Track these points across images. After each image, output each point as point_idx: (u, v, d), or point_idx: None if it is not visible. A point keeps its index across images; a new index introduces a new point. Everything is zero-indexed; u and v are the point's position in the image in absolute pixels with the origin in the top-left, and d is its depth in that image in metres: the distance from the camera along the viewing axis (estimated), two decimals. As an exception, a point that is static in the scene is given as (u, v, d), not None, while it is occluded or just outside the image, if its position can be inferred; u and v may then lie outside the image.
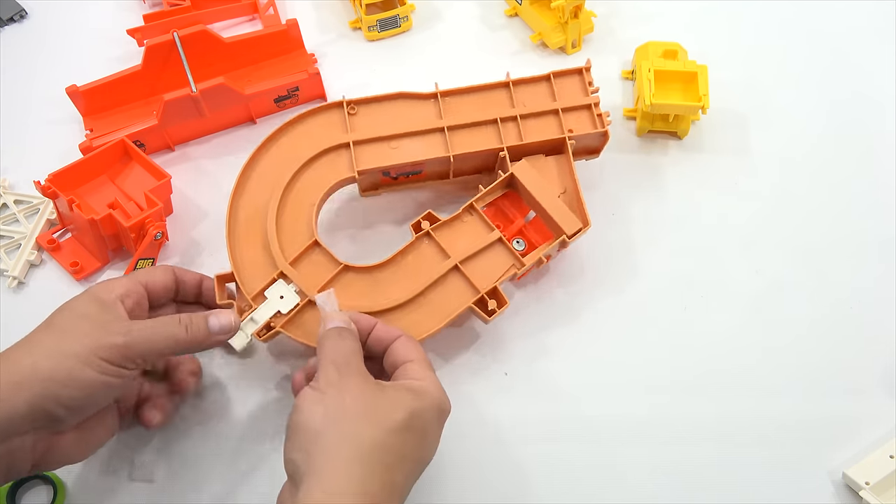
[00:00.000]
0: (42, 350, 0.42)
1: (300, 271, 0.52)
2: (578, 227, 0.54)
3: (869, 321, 0.57)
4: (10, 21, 0.75)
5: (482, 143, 0.57)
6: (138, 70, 0.64)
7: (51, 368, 0.41)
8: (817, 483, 0.51)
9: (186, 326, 0.45)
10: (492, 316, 0.51)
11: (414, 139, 0.57)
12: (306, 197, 0.54)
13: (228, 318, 0.47)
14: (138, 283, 0.49)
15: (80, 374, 0.41)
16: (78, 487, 0.51)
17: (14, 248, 0.60)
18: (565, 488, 0.51)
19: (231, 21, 0.75)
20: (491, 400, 0.54)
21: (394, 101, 0.58)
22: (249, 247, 0.52)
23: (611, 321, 0.57)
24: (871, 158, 0.66)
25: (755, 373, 0.55)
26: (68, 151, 0.64)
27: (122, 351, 0.43)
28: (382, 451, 0.40)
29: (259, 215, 0.53)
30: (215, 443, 0.52)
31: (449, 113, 0.58)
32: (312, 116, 0.57)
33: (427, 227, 0.53)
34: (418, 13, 0.76)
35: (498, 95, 0.59)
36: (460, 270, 0.52)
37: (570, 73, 0.60)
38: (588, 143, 0.59)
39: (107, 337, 0.43)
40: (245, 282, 0.51)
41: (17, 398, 0.40)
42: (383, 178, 0.58)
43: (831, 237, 0.62)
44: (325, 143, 0.56)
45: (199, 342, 0.46)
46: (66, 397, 0.41)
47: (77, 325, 0.43)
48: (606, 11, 0.75)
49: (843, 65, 0.72)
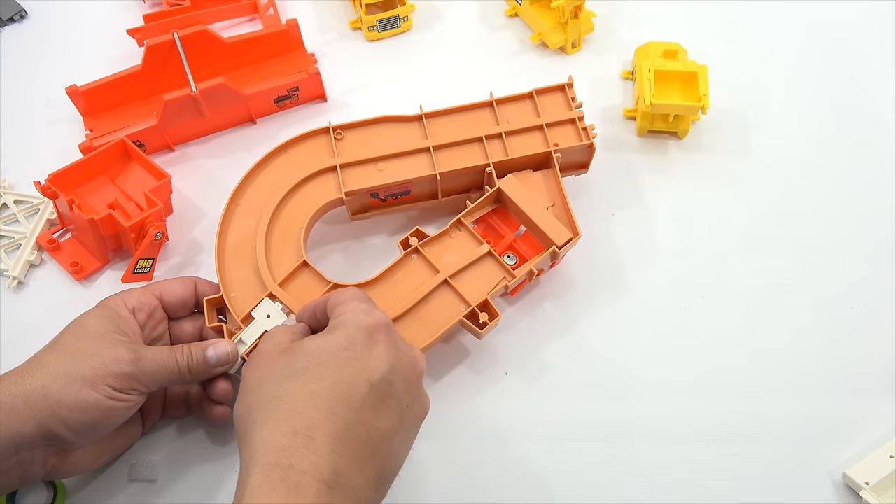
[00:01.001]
0: (50, 372, 0.42)
1: (290, 292, 0.52)
2: (568, 238, 0.54)
3: (868, 321, 0.57)
4: (10, 21, 0.76)
5: (468, 160, 0.57)
6: (138, 70, 0.64)
7: (58, 391, 0.41)
8: (817, 483, 0.51)
9: (187, 359, 0.46)
10: (483, 329, 0.51)
11: (400, 160, 0.57)
12: (295, 220, 0.55)
13: (226, 348, 0.47)
14: (153, 295, 0.49)
15: (87, 398, 0.42)
16: (78, 487, 0.50)
17: (14, 248, 0.60)
18: (565, 488, 0.51)
19: (231, 21, 0.75)
20: (491, 400, 0.54)
21: (379, 125, 0.58)
22: (239, 270, 0.53)
23: (611, 321, 0.57)
24: (871, 158, 0.66)
25: (755, 373, 0.55)
26: (68, 151, 0.64)
27: (129, 380, 0.43)
28: (285, 398, 0.39)
29: (248, 239, 0.54)
30: (215, 443, 0.52)
31: (434, 133, 0.58)
32: (299, 143, 0.58)
33: (415, 244, 0.53)
34: (418, 13, 0.76)
35: (482, 114, 0.59)
36: (450, 285, 0.52)
37: (552, 89, 0.60)
38: (575, 157, 0.60)
39: (114, 364, 0.43)
40: (234, 305, 0.51)
41: (26, 416, 0.41)
42: (372, 200, 0.58)
43: (831, 237, 0.62)
44: (313, 167, 0.56)
45: (199, 373, 0.47)
46: (73, 421, 0.42)
47: (86, 346, 0.44)
48: (606, 11, 0.75)
49: (843, 65, 0.72)
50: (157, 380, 0.45)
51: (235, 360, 0.48)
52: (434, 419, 0.52)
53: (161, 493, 0.50)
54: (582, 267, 0.59)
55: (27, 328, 0.57)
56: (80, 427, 0.42)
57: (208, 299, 0.51)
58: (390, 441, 0.40)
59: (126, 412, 0.44)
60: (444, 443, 0.52)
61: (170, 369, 0.45)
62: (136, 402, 0.44)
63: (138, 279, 0.57)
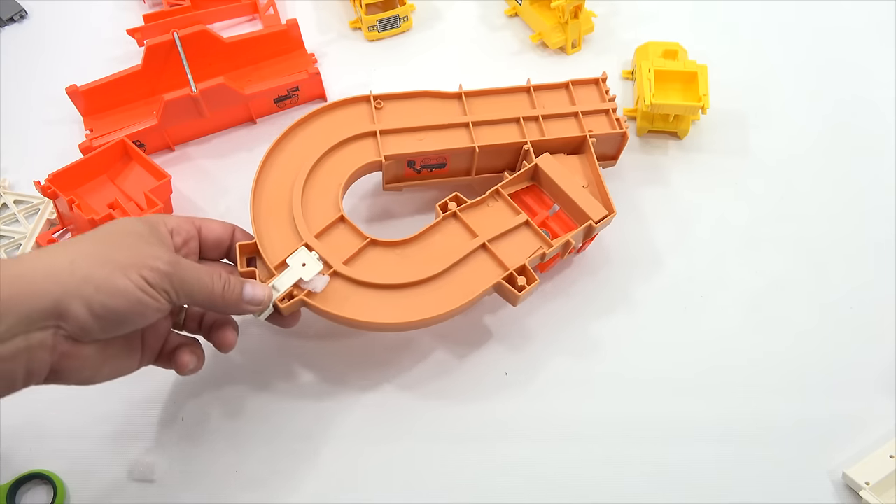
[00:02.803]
0: (83, 251, 0.40)
1: (325, 244, 0.51)
2: (605, 214, 0.54)
3: (869, 321, 0.57)
4: (10, 21, 0.76)
5: (506, 136, 0.58)
6: (138, 70, 0.64)
7: (88, 269, 0.39)
8: (817, 483, 0.51)
9: (224, 285, 0.45)
10: (522, 292, 0.50)
11: (440, 132, 0.58)
12: (333, 177, 0.55)
13: (263, 291, 0.46)
14: (192, 224, 0.48)
15: (118, 282, 0.40)
16: (78, 487, 0.50)
17: (14, 248, 0.60)
18: (565, 488, 0.51)
19: (231, 21, 0.75)
20: (490, 399, 0.54)
21: (419, 99, 0.59)
22: (273, 220, 0.52)
23: (610, 321, 0.57)
24: (871, 158, 0.66)
25: (755, 372, 0.55)
26: (68, 151, 0.64)
27: (164, 278, 0.41)
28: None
29: (284, 192, 0.53)
30: (215, 442, 0.52)
31: (473, 111, 0.59)
32: (340, 107, 0.58)
33: (454, 208, 0.54)
34: (418, 13, 0.76)
35: (519, 98, 0.60)
36: (488, 249, 0.52)
37: (587, 82, 0.62)
38: (606, 146, 0.61)
39: (152, 259, 0.41)
40: (268, 252, 0.50)
41: (44, 289, 0.38)
42: (407, 170, 0.58)
43: (831, 237, 0.62)
44: (353, 130, 0.56)
45: (231, 304, 0.45)
46: (97, 303, 0.39)
47: (124, 239, 0.42)
48: (606, 11, 0.75)
49: (843, 65, 0.72)
50: (189, 291, 0.43)
51: (269, 303, 0.47)
52: (434, 419, 0.53)
53: (161, 493, 0.50)
54: (581, 266, 0.59)
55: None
56: (102, 311, 0.39)
57: (241, 244, 0.50)
58: None
59: (151, 314, 0.42)
60: (445, 443, 0.52)
61: (204, 286, 0.44)
62: (164, 307, 0.42)
63: (138, 279, 0.57)
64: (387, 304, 0.50)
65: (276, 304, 0.47)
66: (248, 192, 0.55)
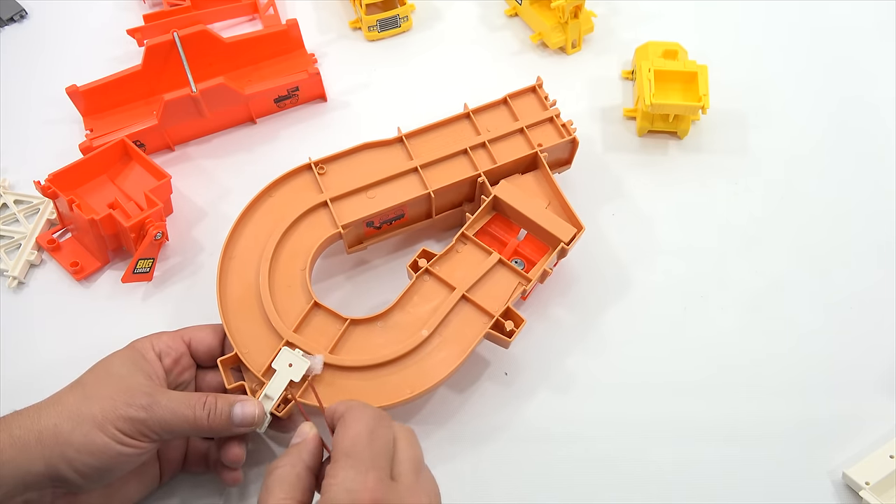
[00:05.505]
0: (65, 411, 0.41)
1: (306, 336, 0.50)
2: (574, 233, 0.54)
3: (869, 321, 0.57)
4: (10, 21, 0.76)
5: (458, 173, 0.57)
6: (138, 70, 0.64)
7: (69, 431, 0.40)
8: (817, 483, 0.51)
9: (209, 412, 0.44)
10: (511, 337, 0.50)
11: (390, 184, 0.56)
12: (295, 263, 0.53)
13: (254, 409, 0.45)
14: (181, 341, 0.48)
15: (95, 440, 0.40)
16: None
17: (14, 248, 0.60)
18: (565, 488, 0.51)
19: (231, 21, 0.75)
20: (490, 400, 0.54)
21: (360, 153, 0.58)
22: (248, 324, 0.50)
23: (611, 322, 0.57)
24: (871, 158, 0.66)
25: (755, 373, 0.55)
26: (68, 151, 0.64)
27: (139, 426, 0.42)
28: None
29: (251, 291, 0.52)
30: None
31: (418, 152, 0.58)
32: (283, 184, 0.56)
33: (424, 265, 0.53)
34: (418, 13, 0.76)
35: (461, 127, 0.59)
36: (469, 300, 0.51)
37: (524, 92, 0.61)
38: (559, 154, 0.60)
39: (127, 408, 0.42)
40: (251, 361, 0.49)
41: (36, 454, 0.40)
42: (367, 229, 0.57)
43: (831, 237, 0.62)
44: (302, 206, 0.55)
45: (219, 430, 0.44)
46: (80, 463, 0.40)
47: (104, 387, 0.43)
48: (606, 11, 0.75)
49: (844, 65, 0.72)
50: (170, 428, 0.42)
51: (262, 422, 0.45)
52: (433, 419, 0.53)
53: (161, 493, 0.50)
54: (582, 268, 0.59)
55: (27, 328, 0.57)
56: (87, 470, 0.41)
57: (222, 359, 0.49)
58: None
59: (135, 459, 0.42)
60: (444, 444, 0.52)
61: (185, 418, 0.43)
62: (147, 449, 0.42)
63: (138, 279, 0.57)
64: (384, 384, 0.49)
65: (273, 413, 0.46)
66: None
